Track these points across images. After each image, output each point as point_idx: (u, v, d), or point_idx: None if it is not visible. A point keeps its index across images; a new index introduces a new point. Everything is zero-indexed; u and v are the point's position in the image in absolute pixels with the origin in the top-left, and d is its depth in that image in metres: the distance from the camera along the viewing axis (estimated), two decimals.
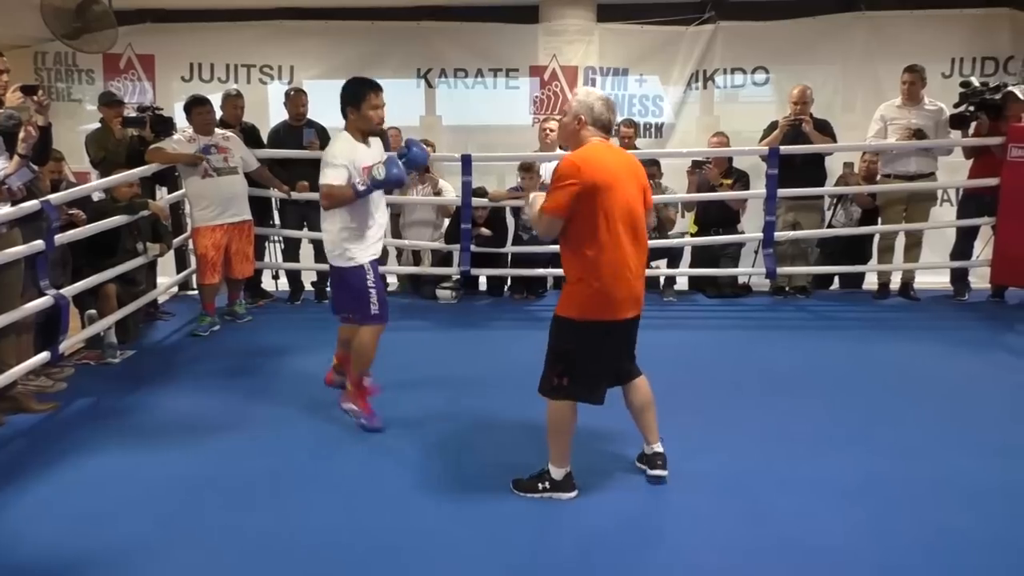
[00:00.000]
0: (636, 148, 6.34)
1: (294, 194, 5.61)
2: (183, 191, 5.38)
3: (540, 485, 2.93)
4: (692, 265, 6.30)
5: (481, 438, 3.51)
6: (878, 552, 2.58)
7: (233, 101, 5.81)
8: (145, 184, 5.34)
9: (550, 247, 4.66)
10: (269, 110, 7.28)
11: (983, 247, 5.94)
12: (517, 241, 6.09)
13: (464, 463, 3.26)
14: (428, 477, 3.12)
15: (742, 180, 6.06)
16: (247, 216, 5.31)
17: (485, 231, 6.03)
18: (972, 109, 5.59)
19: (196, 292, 5.64)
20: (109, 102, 5.66)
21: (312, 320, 5.58)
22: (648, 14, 7.49)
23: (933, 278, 6.28)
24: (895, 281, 6.09)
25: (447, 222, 6.25)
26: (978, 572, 2.48)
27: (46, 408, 3.93)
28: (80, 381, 4.34)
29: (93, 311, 4.60)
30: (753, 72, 7.61)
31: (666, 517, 2.85)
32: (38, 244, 3.89)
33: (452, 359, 4.74)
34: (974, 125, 5.63)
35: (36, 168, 3.89)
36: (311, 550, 2.64)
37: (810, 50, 7.52)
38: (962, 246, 5.91)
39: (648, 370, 3.05)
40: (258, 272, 6.00)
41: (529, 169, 5.86)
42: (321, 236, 3.73)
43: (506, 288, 6.29)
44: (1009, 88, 5.57)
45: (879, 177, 5.98)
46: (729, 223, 6.10)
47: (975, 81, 5.77)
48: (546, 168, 5.87)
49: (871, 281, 6.25)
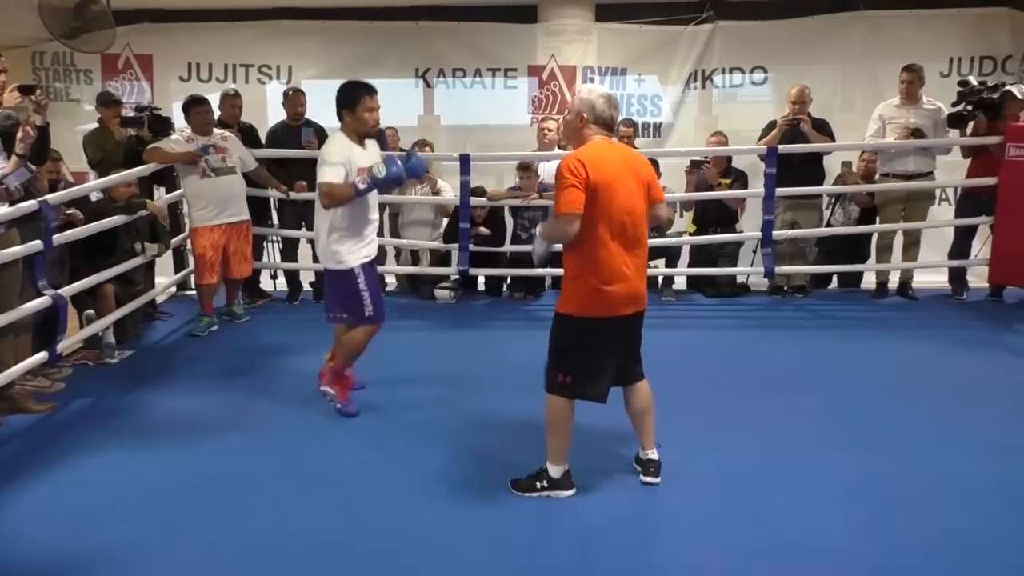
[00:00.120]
0: (635, 148, 6.33)
1: (292, 194, 5.59)
2: (181, 191, 5.38)
3: (538, 484, 2.93)
4: (690, 264, 6.30)
5: (480, 438, 3.50)
6: (878, 552, 2.58)
7: (231, 101, 5.81)
8: (143, 184, 5.33)
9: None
10: (267, 110, 7.27)
11: (981, 246, 5.94)
12: (515, 240, 6.09)
13: (463, 463, 3.26)
14: (427, 477, 3.12)
15: (740, 179, 6.06)
16: (245, 216, 5.30)
17: (484, 230, 6.03)
18: (970, 108, 5.59)
19: (194, 292, 5.63)
20: (107, 102, 5.66)
21: (310, 320, 5.55)
22: (646, 14, 7.49)
23: (931, 277, 6.29)
24: (893, 280, 6.09)
25: (445, 222, 6.24)
26: (978, 572, 2.48)
27: (44, 408, 3.92)
28: (78, 381, 4.34)
29: (91, 311, 4.60)
30: (751, 72, 7.61)
31: (665, 517, 2.85)
32: (36, 244, 3.88)
33: (451, 359, 4.73)
34: (972, 124, 5.63)
35: (34, 168, 3.88)
36: (311, 550, 2.64)
37: (808, 50, 7.51)
38: (960, 245, 5.92)
39: (646, 369, 3.04)
40: (256, 272, 6.00)
41: (527, 169, 5.87)
42: None
43: (505, 288, 6.29)
44: (1007, 87, 5.57)
45: (877, 176, 5.98)
46: (727, 222, 6.11)
47: (973, 80, 5.77)
48: (544, 168, 5.87)
49: (869, 280, 6.26)
